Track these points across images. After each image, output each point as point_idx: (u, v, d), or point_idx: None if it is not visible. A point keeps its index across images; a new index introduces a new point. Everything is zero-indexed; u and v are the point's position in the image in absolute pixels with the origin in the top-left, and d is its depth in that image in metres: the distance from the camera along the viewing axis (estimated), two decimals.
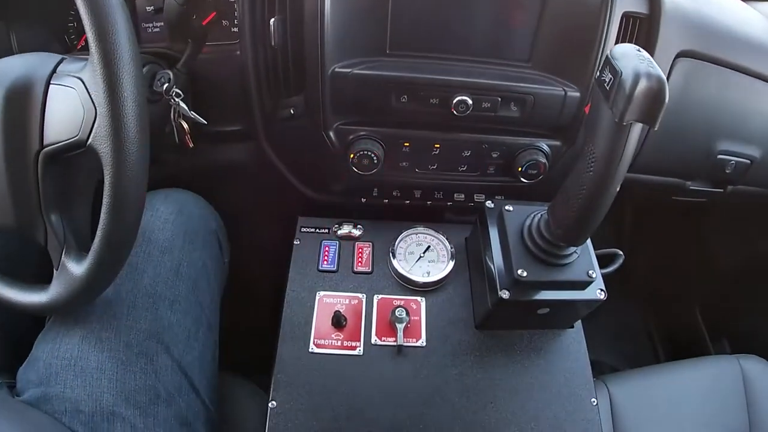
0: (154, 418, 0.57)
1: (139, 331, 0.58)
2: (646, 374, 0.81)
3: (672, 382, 0.81)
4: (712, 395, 0.82)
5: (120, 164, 0.43)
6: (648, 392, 0.79)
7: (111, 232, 0.45)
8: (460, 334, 0.64)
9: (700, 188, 0.81)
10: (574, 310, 0.62)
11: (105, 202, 0.44)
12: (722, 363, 0.85)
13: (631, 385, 0.78)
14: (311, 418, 0.59)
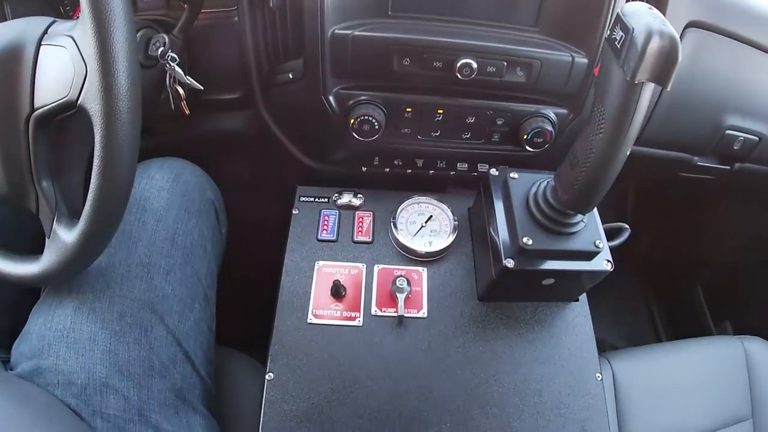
0: (148, 389, 0.55)
1: (133, 301, 0.56)
2: (649, 352, 0.79)
3: (675, 360, 0.79)
4: (715, 375, 0.79)
5: (110, 122, 0.41)
6: (651, 370, 0.77)
7: (102, 194, 0.43)
8: (463, 305, 0.61)
9: (707, 164, 0.79)
10: (579, 281, 0.60)
11: (95, 163, 0.42)
12: (725, 343, 0.83)
13: (634, 363, 0.76)
14: (309, 390, 0.57)
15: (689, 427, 0.76)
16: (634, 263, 1.11)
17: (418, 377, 0.58)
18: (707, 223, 0.95)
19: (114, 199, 0.44)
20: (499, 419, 0.57)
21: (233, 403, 0.66)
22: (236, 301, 0.75)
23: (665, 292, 1.13)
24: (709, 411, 0.78)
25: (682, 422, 0.76)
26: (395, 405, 0.57)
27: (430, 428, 0.56)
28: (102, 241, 0.48)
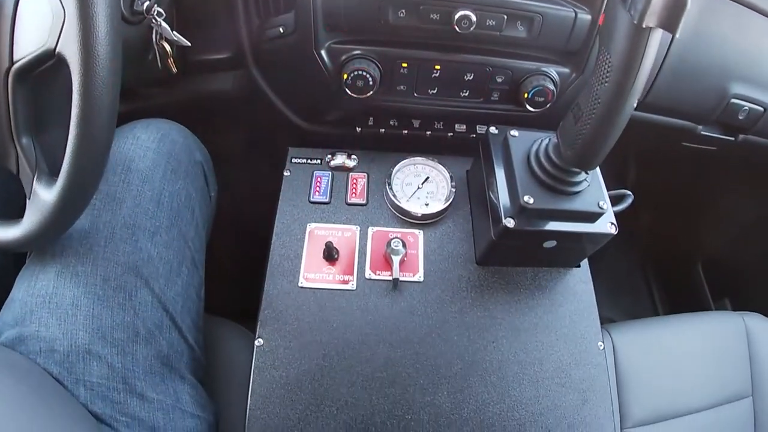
0: (132, 356, 0.52)
1: (117, 264, 0.52)
2: (650, 325, 0.75)
3: (676, 334, 0.75)
4: (716, 351, 0.76)
5: (88, 67, 0.38)
6: (652, 343, 0.73)
7: (81, 144, 0.40)
8: (460, 269, 0.57)
9: (710, 134, 0.75)
10: (581, 245, 0.56)
11: (73, 112, 0.39)
12: (726, 319, 0.80)
13: (634, 335, 0.73)
14: (300, 356, 0.53)
15: (689, 402, 0.73)
16: (633, 239, 1.07)
17: (413, 343, 0.54)
18: (709, 199, 0.91)
19: (94, 150, 0.41)
20: (497, 387, 0.54)
21: (223, 373, 0.62)
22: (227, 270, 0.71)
23: (665, 269, 1.09)
24: (709, 387, 0.75)
25: (682, 398, 0.73)
26: (390, 371, 0.53)
27: (425, 396, 0.53)
28: (83, 197, 0.45)
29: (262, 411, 0.52)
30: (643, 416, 0.71)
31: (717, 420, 0.74)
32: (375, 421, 0.52)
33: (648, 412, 0.71)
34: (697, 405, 0.73)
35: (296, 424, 0.52)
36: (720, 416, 0.75)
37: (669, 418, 0.72)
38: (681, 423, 0.72)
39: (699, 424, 0.73)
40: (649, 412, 0.71)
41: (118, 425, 0.51)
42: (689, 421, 0.73)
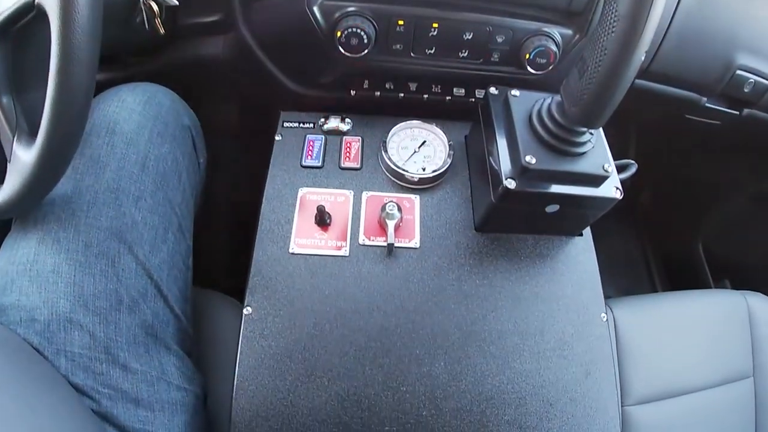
0: (115, 325, 0.48)
1: (99, 230, 0.49)
2: (651, 300, 0.72)
3: (678, 310, 0.72)
4: (717, 329, 0.73)
5: (68, 17, 0.35)
6: (653, 319, 0.70)
7: (60, 98, 0.37)
8: (458, 236, 0.54)
9: (715, 107, 0.72)
10: (585, 210, 0.52)
11: (52, 62, 0.36)
12: (728, 297, 0.76)
13: (636, 310, 0.69)
14: (290, 325, 0.50)
15: (691, 381, 0.70)
16: (633, 217, 1.03)
17: (409, 311, 0.51)
18: (710, 177, 0.87)
19: (73, 102, 0.38)
20: (497, 359, 0.50)
21: (212, 345, 0.59)
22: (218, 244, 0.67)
23: (664, 248, 1.06)
24: (710, 366, 0.72)
25: (683, 376, 0.70)
26: (384, 341, 0.50)
27: (421, 367, 0.49)
28: (63, 155, 0.42)
29: (251, 382, 0.49)
30: (645, 394, 0.67)
31: (718, 399, 0.71)
32: (368, 393, 0.48)
33: (649, 389, 0.68)
34: (699, 384, 0.70)
35: (286, 395, 0.48)
36: (721, 396, 0.72)
37: (670, 396, 0.69)
38: (682, 402, 0.69)
39: (700, 403, 0.70)
40: (650, 390, 0.68)
41: (100, 397, 0.48)
42: (690, 400, 0.70)
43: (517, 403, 0.50)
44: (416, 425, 0.48)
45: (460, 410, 0.49)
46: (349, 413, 0.48)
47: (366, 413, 0.48)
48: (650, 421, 0.67)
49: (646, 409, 0.67)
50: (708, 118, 0.73)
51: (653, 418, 0.67)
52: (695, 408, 0.70)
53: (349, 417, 0.48)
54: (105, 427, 0.49)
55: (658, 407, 0.68)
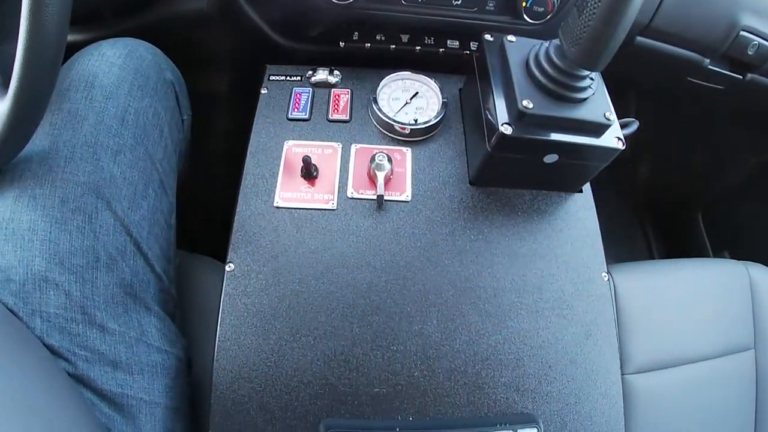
0: (92, 284, 0.44)
1: (76, 185, 0.45)
2: (652, 267, 0.67)
3: (679, 278, 0.68)
4: (719, 297, 0.69)
5: None
6: (654, 285, 0.66)
7: (32, 49, 0.34)
8: (452, 189, 0.49)
9: (718, 69, 0.67)
10: (585, 162, 0.48)
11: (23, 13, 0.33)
12: (730, 267, 0.72)
13: (636, 276, 0.65)
14: (275, 282, 0.45)
15: (691, 351, 0.65)
16: (632, 188, 0.98)
17: (399, 267, 0.46)
18: (710, 146, 0.83)
19: (45, 45, 0.35)
20: (492, 317, 0.46)
21: (197, 309, 0.54)
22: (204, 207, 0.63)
23: (663, 218, 1.00)
24: (711, 336, 0.67)
25: (684, 345, 0.65)
26: (373, 298, 0.45)
27: (413, 325, 0.45)
28: (36, 105, 0.38)
29: (233, 342, 0.44)
30: (644, 362, 0.63)
31: (719, 370, 0.67)
32: (356, 353, 0.44)
33: (649, 358, 0.63)
34: (699, 354, 0.66)
35: (269, 356, 0.44)
36: (722, 367, 0.67)
37: (669, 366, 0.64)
38: (682, 371, 0.65)
39: (701, 374, 0.66)
40: (650, 358, 0.63)
41: (76, 359, 0.43)
42: (691, 370, 0.65)
43: (515, 364, 0.45)
44: (407, 386, 0.44)
45: (453, 371, 0.44)
46: (336, 374, 0.44)
47: (354, 373, 0.44)
48: (649, 390, 0.63)
49: (646, 378, 0.63)
50: (711, 81, 0.68)
51: (652, 387, 0.63)
52: (695, 379, 0.65)
53: (336, 377, 0.44)
54: (81, 390, 0.45)
55: (658, 376, 0.64)
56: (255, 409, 0.43)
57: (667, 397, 0.64)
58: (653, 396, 0.63)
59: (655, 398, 0.63)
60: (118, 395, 0.46)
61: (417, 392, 0.44)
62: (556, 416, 0.46)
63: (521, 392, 0.45)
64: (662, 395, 0.63)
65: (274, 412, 0.43)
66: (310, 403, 0.43)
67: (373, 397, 0.43)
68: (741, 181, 0.79)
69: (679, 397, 0.64)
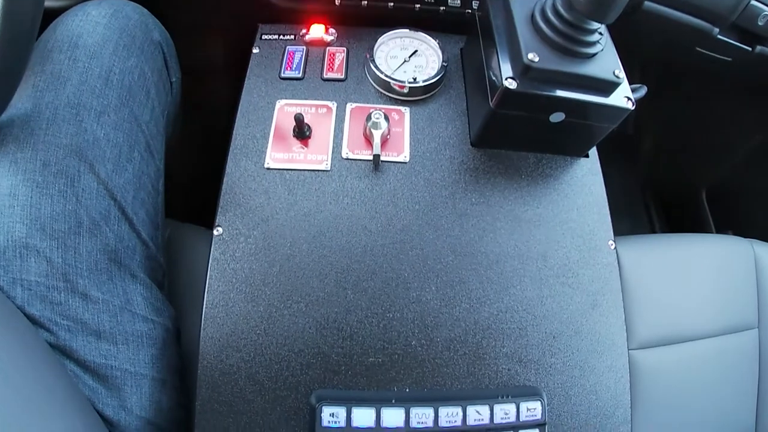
0: (74, 250, 0.40)
1: (58, 147, 0.41)
2: (655, 240, 0.63)
3: (684, 252, 0.63)
4: (723, 274, 0.64)
5: None
6: (658, 259, 0.61)
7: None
8: (453, 150, 0.45)
9: (727, 39, 0.63)
10: (592, 122, 0.43)
11: None
12: (735, 243, 0.67)
13: (641, 249, 0.61)
14: (265, 246, 0.41)
15: (695, 328, 0.61)
16: (635, 164, 0.93)
17: (396, 230, 0.42)
18: (718, 122, 0.78)
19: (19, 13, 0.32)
20: (494, 284, 0.42)
21: (189, 281, 0.50)
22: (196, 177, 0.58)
23: (666, 196, 0.95)
24: (715, 313, 0.63)
25: (688, 321, 0.61)
26: (369, 263, 0.41)
27: (410, 291, 0.41)
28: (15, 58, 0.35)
29: (221, 309, 0.40)
30: (647, 338, 0.59)
31: (722, 348, 0.63)
32: (350, 320, 0.40)
33: (652, 333, 0.59)
34: (702, 331, 0.62)
35: (259, 323, 0.40)
36: (725, 345, 0.63)
37: (673, 342, 0.61)
38: (686, 348, 0.61)
39: (704, 352, 0.62)
40: (653, 334, 0.59)
41: (58, 329, 0.40)
42: (694, 347, 0.61)
43: (517, 334, 0.41)
44: (404, 356, 0.40)
45: (453, 340, 0.40)
46: (328, 342, 0.40)
47: (348, 342, 0.40)
48: (653, 366, 0.59)
49: (649, 354, 0.59)
50: (719, 53, 0.64)
51: (655, 364, 0.59)
52: (698, 356, 0.61)
53: (328, 346, 0.40)
54: (64, 361, 0.41)
55: (661, 353, 0.60)
56: (243, 379, 0.39)
57: (670, 374, 0.60)
58: (656, 372, 0.59)
59: (657, 375, 0.59)
60: (102, 366, 0.42)
61: (414, 362, 0.40)
62: (560, 389, 0.42)
63: (524, 363, 0.41)
64: (665, 371, 0.60)
65: (264, 382, 0.39)
66: (302, 373, 0.39)
67: (367, 367, 0.40)
68: (746, 159, 0.74)
69: (682, 374, 0.60)
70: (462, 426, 0.39)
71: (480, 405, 0.39)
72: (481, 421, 0.39)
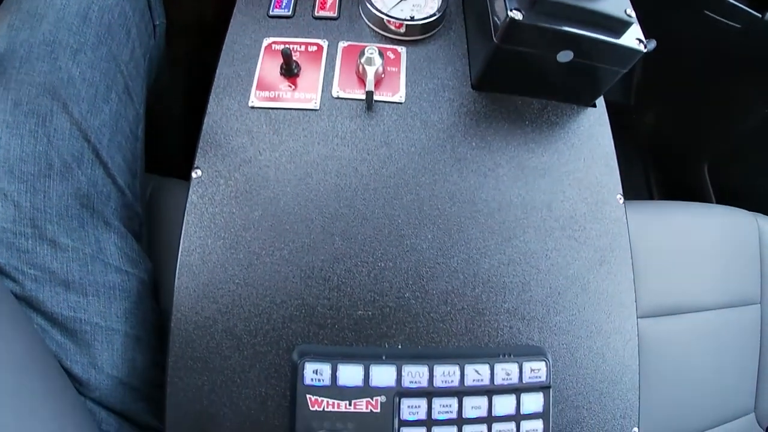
0: (44, 194, 0.36)
1: (31, 86, 0.37)
2: (660, 207, 0.58)
3: (689, 220, 0.58)
4: (728, 246, 0.60)
5: None
6: (664, 226, 0.57)
7: None
8: (452, 92, 0.40)
9: (736, 3, 0.58)
10: (602, 64, 0.38)
11: None
12: (740, 216, 0.63)
13: (647, 214, 0.56)
14: (247, 189, 0.36)
15: (698, 298, 0.57)
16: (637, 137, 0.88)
17: (390, 174, 0.37)
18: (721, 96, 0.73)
19: None
20: (495, 235, 0.37)
21: (168, 233, 0.45)
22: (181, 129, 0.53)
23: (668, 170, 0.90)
24: (718, 285, 0.59)
25: (691, 291, 0.57)
26: (359, 208, 0.36)
27: (404, 239, 0.36)
28: None
29: (197, 256, 0.35)
30: (652, 307, 0.54)
31: (725, 322, 0.58)
32: (338, 270, 0.35)
33: (655, 303, 0.54)
34: (706, 303, 0.57)
35: (238, 272, 0.35)
36: (728, 318, 0.58)
37: (676, 312, 0.56)
38: (688, 319, 0.56)
39: (706, 324, 0.57)
40: (656, 304, 0.54)
41: (24, 279, 0.35)
42: (696, 319, 0.57)
43: (520, 288, 0.36)
44: (396, 309, 0.35)
45: (450, 293, 0.35)
46: (314, 293, 0.34)
47: (335, 293, 0.35)
48: (655, 335, 0.54)
49: (652, 323, 0.54)
50: (729, 18, 0.59)
51: (658, 333, 0.54)
52: (700, 328, 0.57)
53: (314, 298, 0.34)
54: (30, 315, 0.36)
55: (664, 322, 0.55)
56: (220, 333, 0.34)
57: (672, 344, 0.55)
58: (658, 342, 0.54)
59: (660, 344, 0.54)
60: (70, 319, 0.37)
61: (407, 316, 0.35)
62: (565, 350, 0.37)
63: (526, 321, 0.36)
64: (667, 342, 0.55)
65: (242, 337, 0.34)
66: (284, 326, 0.34)
67: (356, 321, 0.34)
68: (750, 132, 0.70)
69: (683, 345, 0.56)
70: (459, 386, 0.34)
71: (479, 364, 0.34)
72: (480, 382, 0.34)
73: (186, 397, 0.34)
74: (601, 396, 0.37)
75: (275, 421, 0.34)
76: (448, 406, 0.34)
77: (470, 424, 0.34)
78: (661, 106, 0.80)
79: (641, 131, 0.84)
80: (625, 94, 0.78)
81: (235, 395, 0.34)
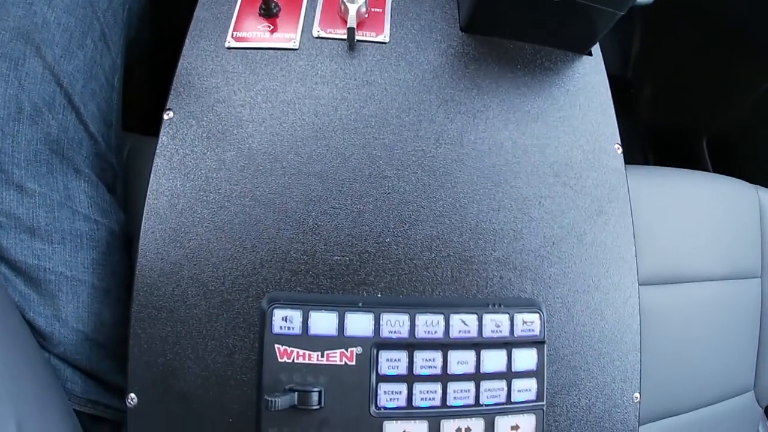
0: (12, 138, 0.32)
1: (4, 31, 0.33)
2: (661, 173, 0.53)
3: (691, 187, 0.53)
4: (729, 217, 0.54)
5: None
6: (665, 192, 0.51)
7: None
8: (440, 34, 0.35)
9: None
10: (598, 6, 0.34)
11: None
12: (741, 187, 0.57)
13: (648, 178, 0.51)
14: (220, 129, 0.31)
15: (698, 267, 0.51)
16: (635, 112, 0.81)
17: (371, 114, 0.32)
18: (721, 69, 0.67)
19: None
20: (484, 179, 0.32)
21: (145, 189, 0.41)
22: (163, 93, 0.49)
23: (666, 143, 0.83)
24: (719, 255, 0.53)
25: (690, 260, 0.51)
26: (337, 147, 0.31)
27: (385, 180, 0.31)
28: None
29: (166, 200, 0.31)
30: (648, 275, 0.49)
31: (724, 294, 0.52)
32: (313, 212, 0.30)
33: (653, 271, 0.49)
34: (706, 273, 0.52)
35: (206, 215, 0.30)
36: (728, 290, 0.53)
37: (675, 281, 0.50)
38: (687, 289, 0.50)
39: (706, 295, 0.51)
40: (654, 272, 0.49)
41: None
42: (695, 290, 0.51)
43: (511, 236, 0.31)
44: (376, 255, 0.30)
45: (435, 239, 0.30)
46: (287, 237, 0.30)
47: (310, 237, 0.30)
48: (655, 304, 0.48)
49: (652, 291, 0.48)
50: None
51: (658, 301, 0.49)
52: (700, 299, 0.51)
53: (287, 242, 0.30)
54: None
55: (663, 291, 0.49)
56: (186, 280, 0.29)
57: (672, 314, 0.49)
58: (658, 310, 0.49)
59: (659, 313, 0.49)
60: (34, 268, 0.32)
61: (388, 263, 0.30)
62: (560, 304, 0.31)
63: (518, 271, 0.31)
64: (667, 311, 0.49)
65: (209, 283, 0.29)
66: (254, 272, 0.29)
67: (332, 267, 0.29)
68: (750, 107, 0.64)
69: (683, 314, 0.50)
70: (444, 338, 0.29)
71: (466, 314, 0.29)
72: (468, 334, 0.29)
73: (149, 349, 0.29)
74: (599, 356, 0.32)
75: (242, 375, 0.29)
76: (432, 360, 0.28)
77: (456, 381, 0.29)
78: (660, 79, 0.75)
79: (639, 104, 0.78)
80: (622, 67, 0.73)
81: (201, 347, 0.29)
